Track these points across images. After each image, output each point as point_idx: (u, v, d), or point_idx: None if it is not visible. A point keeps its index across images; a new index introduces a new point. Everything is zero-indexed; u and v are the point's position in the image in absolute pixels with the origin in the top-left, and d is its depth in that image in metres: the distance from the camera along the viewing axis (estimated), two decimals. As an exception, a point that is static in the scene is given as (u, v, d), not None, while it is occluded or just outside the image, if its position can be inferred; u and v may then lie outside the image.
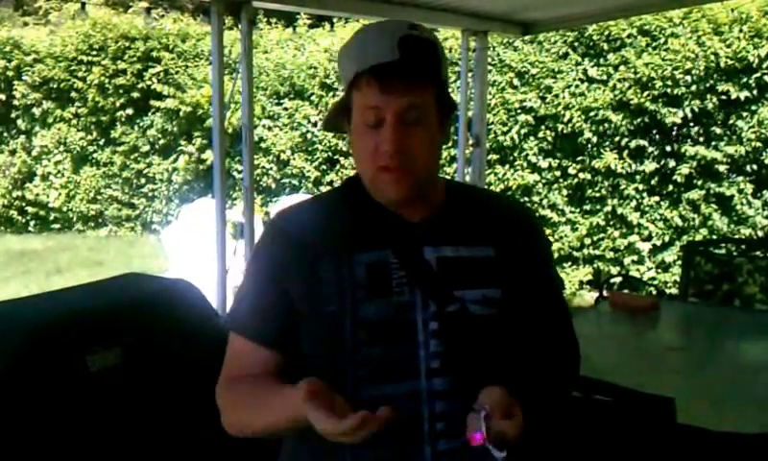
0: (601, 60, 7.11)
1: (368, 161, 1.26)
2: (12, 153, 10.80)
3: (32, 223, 10.85)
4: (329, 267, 1.26)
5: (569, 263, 7.38)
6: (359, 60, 1.23)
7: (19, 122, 10.70)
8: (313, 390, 1.11)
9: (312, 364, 1.27)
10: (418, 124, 1.23)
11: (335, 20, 9.95)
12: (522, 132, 7.47)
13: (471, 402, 1.14)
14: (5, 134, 10.91)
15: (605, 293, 3.74)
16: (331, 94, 8.74)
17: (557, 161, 7.38)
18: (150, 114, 9.99)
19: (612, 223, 7.17)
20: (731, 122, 6.60)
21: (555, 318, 1.42)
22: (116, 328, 1.98)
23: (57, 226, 10.73)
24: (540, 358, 1.36)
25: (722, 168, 6.64)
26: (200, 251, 5.55)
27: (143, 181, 10.22)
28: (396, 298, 1.25)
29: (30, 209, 10.82)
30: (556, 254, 7.37)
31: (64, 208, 10.56)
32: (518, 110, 7.47)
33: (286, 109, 9.05)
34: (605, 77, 7.05)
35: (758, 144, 6.48)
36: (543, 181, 7.46)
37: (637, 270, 6.99)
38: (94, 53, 10.14)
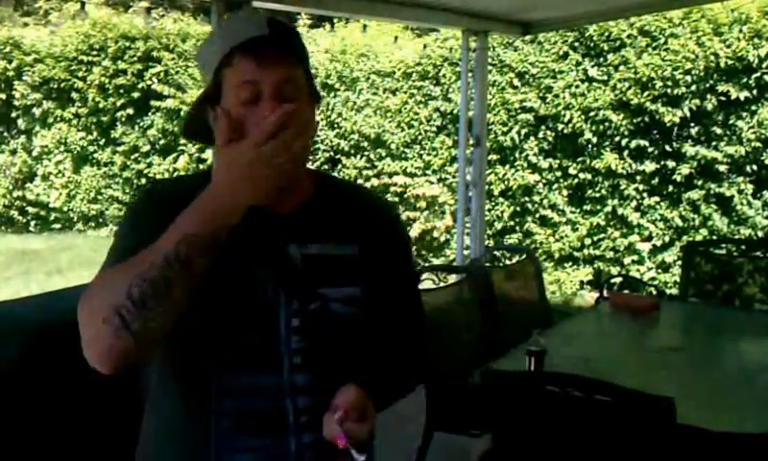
0: (601, 61, 7.11)
1: None
2: (13, 153, 10.80)
3: (32, 223, 10.85)
4: None
5: (570, 263, 7.39)
6: (229, 40, 1.20)
7: (19, 122, 10.70)
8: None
9: (177, 342, 1.23)
10: (294, 100, 1.20)
11: (335, 21, 9.96)
12: (523, 132, 7.47)
13: (332, 399, 1.18)
14: (5, 134, 10.91)
15: (605, 293, 3.75)
16: (332, 94, 8.74)
17: (557, 161, 7.39)
18: (150, 114, 9.99)
19: (612, 223, 7.17)
20: (730, 122, 6.60)
21: (410, 316, 1.44)
22: (117, 329, 1.98)
23: (57, 226, 10.73)
24: (390, 356, 1.39)
25: (722, 168, 6.64)
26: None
27: (143, 180, 10.21)
28: (260, 293, 1.26)
29: (30, 209, 10.82)
30: (557, 255, 7.38)
31: (65, 208, 10.56)
32: (519, 111, 7.47)
33: (286, 109, 9.03)
34: (605, 77, 7.05)
35: (758, 144, 6.48)
36: (544, 181, 7.47)
37: (638, 270, 6.99)
38: (94, 53, 10.14)
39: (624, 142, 6.94)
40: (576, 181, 7.30)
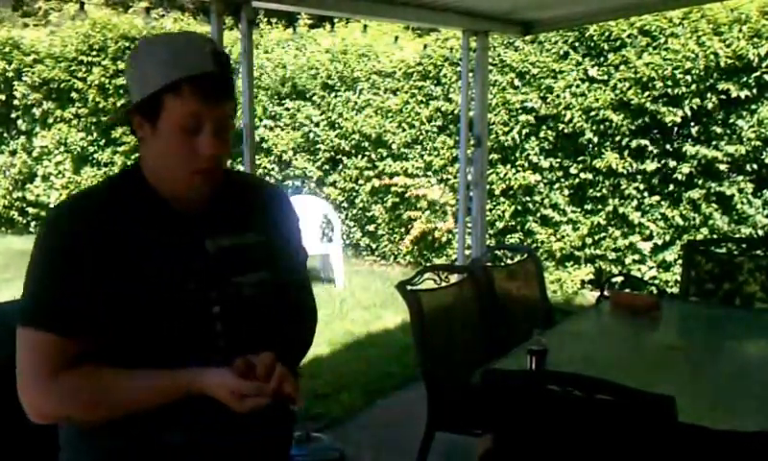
0: (601, 61, 7.11)
1: (182, 165, 1.38)
2: (13, 153, 10.79)
3: (33, 224, 10.85)
4: (134, 260, 1.37)
5: (571, 263, 7.39)
6: (177, 67, 1.33)
7: (19, 123, 10.69)
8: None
9: (121, 344, 1.38)
10: (227, 131, 1.40)
11: (336, 21, 9.96)
12: (523, 132, 7.47)
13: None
14: (5, 135, 10.90)
15: (606, 292, 3.75)
16: (333, 94, 8.74)
17: (558, 161, 7.38)
18: (150, 115, 9.97)
19: (613, 222, 7.17)
20: (731, 121, 6.60)
21: (305, 285, 1.66)
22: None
23: (58, 226, 10.71)
24: (293, 323, 1.59)
25: (722, 167, 6.63)
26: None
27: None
28: (188, 287, 1.40)
29: (31, 210, 10.81)
30: (558, 254, 7.38)
31: (65, 209, 10.55)
32: (519, 110, 7.47)
33: (288, 109, 9.04)
34: (605, 77, 7.05)
35: (759, 143, 6.47)
36: (545, 180, 7.47)
37: (639, 269, 6.99)
38: (94, 53, 10.12)
39: (625, 142, 6.94)
40: (577, 180, 7.29)
